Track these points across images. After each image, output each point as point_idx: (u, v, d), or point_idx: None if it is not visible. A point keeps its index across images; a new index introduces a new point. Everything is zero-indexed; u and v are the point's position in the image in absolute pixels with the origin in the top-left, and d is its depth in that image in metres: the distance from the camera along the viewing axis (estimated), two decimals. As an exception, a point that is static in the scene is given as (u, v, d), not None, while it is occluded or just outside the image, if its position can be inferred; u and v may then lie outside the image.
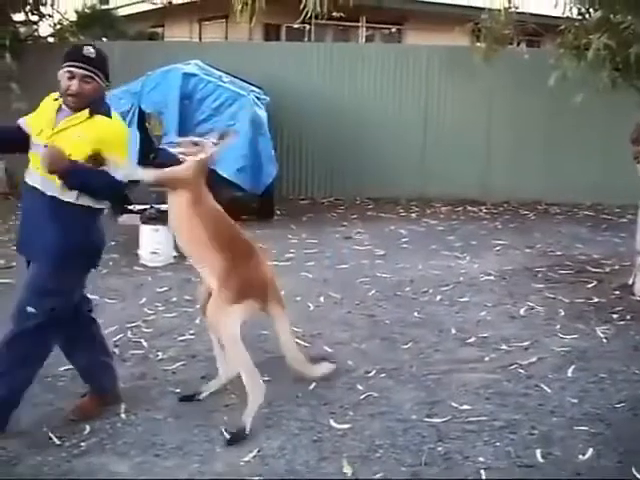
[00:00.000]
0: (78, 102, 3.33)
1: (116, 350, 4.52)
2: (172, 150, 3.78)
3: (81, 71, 3.30)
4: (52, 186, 3.32)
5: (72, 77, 3.30)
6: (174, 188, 3.60)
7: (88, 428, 3.53)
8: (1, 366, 3.37)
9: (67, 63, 3.32)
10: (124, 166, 3.44)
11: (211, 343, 3.93)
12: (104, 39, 12.60)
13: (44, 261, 3.36)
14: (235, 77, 8.75)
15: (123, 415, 3.68)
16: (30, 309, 3.33)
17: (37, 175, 3.35)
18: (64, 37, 11.45)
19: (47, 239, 3.32)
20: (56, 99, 3.43)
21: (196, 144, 3.71)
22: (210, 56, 9.34)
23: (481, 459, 3.28)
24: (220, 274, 3.49)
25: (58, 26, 11.74)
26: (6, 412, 3.44)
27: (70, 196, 3.33)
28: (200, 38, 15.75)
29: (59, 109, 3.39)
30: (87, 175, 3.32)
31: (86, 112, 3.35)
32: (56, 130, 3.33)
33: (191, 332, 4.87)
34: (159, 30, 17.13)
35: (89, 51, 3.35)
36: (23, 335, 3.35)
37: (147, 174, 3.72)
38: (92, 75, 3.33)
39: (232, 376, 3.82)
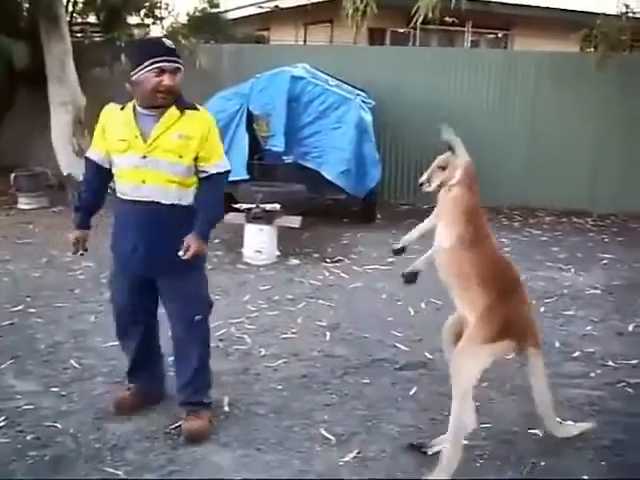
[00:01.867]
0: (170, 98, 3.23)
1: (220, 344, 4.64)
2: (426, 189, 3.47)
3: (171, 64, 3.18)
4: (169, 194, 3.30)
5: (162, 73, 3.16)
6: (462, 228, 3.27)
7: (193, 418, 3.63)
8: (200, 367, 3.56)
9: (155, 59, 3.15)
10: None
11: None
12: (212, 42, 12.95)
13: (186, 270, 3.36)
14: (340, 81, 8.81)
15: (226, 408, 3.77)
16: (197, 317, 3.47)
17: (148, 188, 3.28)
18: (175, 40, 11.81)
19: (174, 248, 3.27)
20: (122, 108, 3.32)
21: (443, 167, 3.42)
22: (315, 59, 9.42)
23: (585, 477, 3.20)
24: (481, 311, 3.20)
25: (170, 28, 12.14)
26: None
27: (188, 199, 3.36)
28: (305, 41, 15.94)
29: (135, 114, 3.28)
30: (211, 221, 3.41)
31: (174, 110, 3.26)
32: (154, 137, 3.23)
33: (293, 331, 4.93)
34: (265, 33, 17.44)
35: (170, 43, 3.24)
36: (203, 344, 3.56)
37: (447, 239, 3.31)
38: (180, 67, 3.23)
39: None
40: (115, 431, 3.50)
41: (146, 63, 3.16)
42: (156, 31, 12.86)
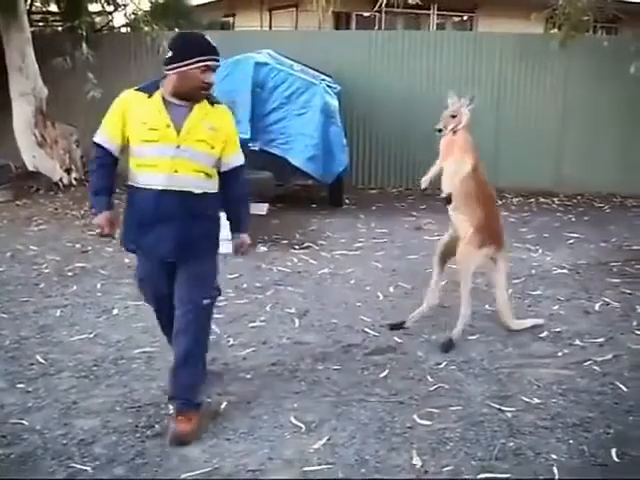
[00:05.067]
0: (207, 94, 3.34)
1: (188, 335, 4.59)
2: (443, 134, 4.43)
3: (215, 63, 3.28)
4: (199, 184, 3.35)
5: (207, 70, 3.24)
6: (472, 157, 4.36)
7: (162, 411, 3.60)
8: (199, 354, 3.52)
9: (205, 57, 3.23)
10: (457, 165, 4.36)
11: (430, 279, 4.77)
12: (177, 29, 12.77)
13: (206, 256, 3.47)
14: (306, 66, 8.76)
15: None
16: (206, 301, 3.46)
17: (180, 177, 3.29)
18: (138, 27, 11.65)
19: (204, 234, 3.41)
20: (149, 96, 3.30)
21: (454, 115, 4.40)
22: (281, 45, 9.36)
23: (554, 456, 3.22)
24: (477, 223, 4.29)
25: (132, 16, 11.95)
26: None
27: (214, 189, 3.43)
28: (270, 27, 15.82)
29: (165, 104, 3.28)
30: (248, 213, 3.71)
31: (205, 102, 3.34)
32: (188, 128, 3.27)
33: (261, 319, 4.91)
34: (230, 19, 17.28)
35: (212, 41, 3.32)
36: (204, 325, 3.53)
37: (465, 167, 4.35)
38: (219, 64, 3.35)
39: (433, 305, 4.70)
40: (82, 426, 3.45)
41: (196, 59, 3.22)
42: (119, 19, 12.67)
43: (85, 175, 10.14)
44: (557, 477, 3.06)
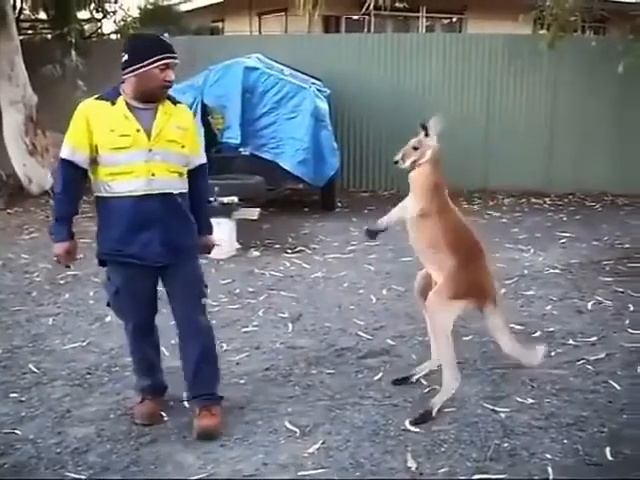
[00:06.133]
0: (167, 92, 3.33)
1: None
2: (401, 166, 3.81)
3: (174, 60, 3.25)
4: (176, 184, 3.37)
5: (167, 68, 3.22)
6: (427, 200, 3.66)
7: (155, 418, 3.59)
8: (214, 350, 3.59)
9: (164, 55, 3.21)
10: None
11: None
12: (166, 35, 12.75)
13: (192, 256, 3.50)
14: (295, 70, 8.77)
15: (188, 405, 3.73)
16: (204, 300, 3.53)
17: (158, 180, 3.28)
18: (127, 34, 11.63)
19: (187, 233, 3.44)
20: (113, 103, 3.26)
21: (416, 147, 3.78)
22: (270, 49, 9.37)
23: (548, 456, 3.21)
24: (448, 272, 3.60)
25: (121, 23, 11.94)
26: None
27: (186, 187, 3.43)
28: (260, 32, 15.83)
29: (130, 109, 3.25)
30: (210, 213, 3.71)
31: (168, 102, 3.34)
32: (158, 130, 3.26)
33: (254, 324, 4.90)
34: (219, 24, 17.29)
35: (169, 40, 3.33)
36: (209, 322, 3.60)
37: (413, 208, 3.68)
38: (178, 62, 3.30)
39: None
40: (76, 434, 3.44)
41: (154, 58, 3.21)
42: (108, 26, 12.67)
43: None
44: (552, 477, 3.06)
